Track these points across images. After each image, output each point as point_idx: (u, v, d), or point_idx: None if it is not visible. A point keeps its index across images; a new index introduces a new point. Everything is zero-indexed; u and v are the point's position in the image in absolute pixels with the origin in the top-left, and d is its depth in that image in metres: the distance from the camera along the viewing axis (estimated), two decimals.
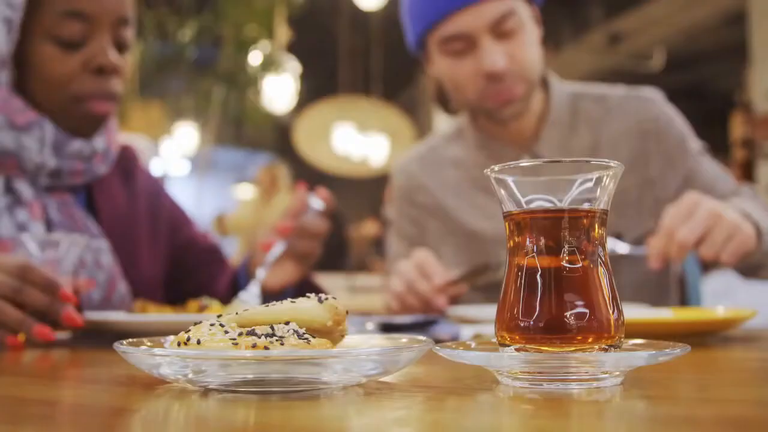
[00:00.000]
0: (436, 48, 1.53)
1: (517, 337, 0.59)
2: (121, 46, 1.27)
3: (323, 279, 1.92)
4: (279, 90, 5.55)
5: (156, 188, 1.52)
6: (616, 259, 1.29)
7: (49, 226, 1.23)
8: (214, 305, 1.13)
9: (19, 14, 1.19)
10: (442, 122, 7.48)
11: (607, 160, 0.59)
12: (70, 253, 1.06)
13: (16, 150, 1.21)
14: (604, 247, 0.61)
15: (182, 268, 1.50)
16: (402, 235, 1.76)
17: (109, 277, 1.27)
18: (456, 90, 1.57)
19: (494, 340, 0.63)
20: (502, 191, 0.62)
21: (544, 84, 1.64)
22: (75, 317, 0.95)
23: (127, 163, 1.46)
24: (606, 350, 0.58)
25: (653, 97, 1.63)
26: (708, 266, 1.39)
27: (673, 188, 1.55)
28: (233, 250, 6.66)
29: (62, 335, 1.03)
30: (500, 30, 1.47)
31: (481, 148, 1.66)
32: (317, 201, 1.34)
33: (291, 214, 1.33)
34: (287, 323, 0.58)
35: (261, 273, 1.28)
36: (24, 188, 1.23)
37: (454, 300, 1.51)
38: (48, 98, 1.24)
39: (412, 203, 1.75)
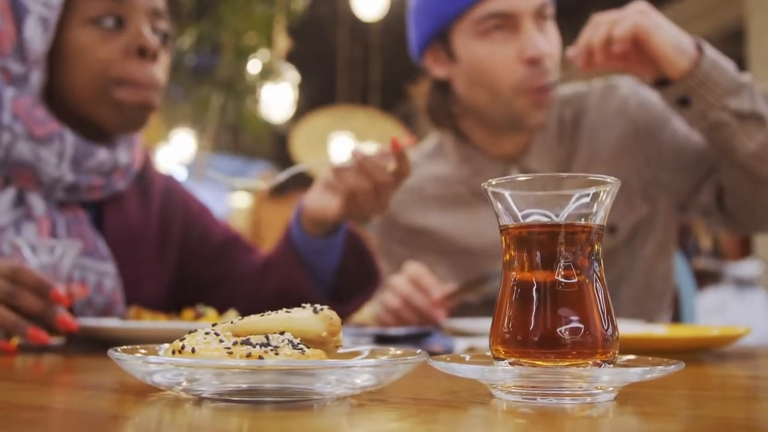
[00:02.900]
0: (470, 30, 1.44)
1: (512, 351, 0.59)
2: (159, 35, 1.27)
3: None
4: (277, 98, 5.55)
5: (169, 190, 1.45)
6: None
7: None
8: (210, 313, 1.13)
9: (56, 13, 1.17)
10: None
11: (604, 176, 0.59)
12: (66, 258, 1.06)
13: (33, 162, 1.18)
14: (599, 263, 0.61)
15: (197, 264, 1.44)
16: (389, 255, 1.70)
17: (107, 302, 1.24)
18: (487, 79, 1.46)
19: (489, 353, 0.63)
20: (499, 205, 0.62)
21: None
22: (70, 321, 0.95)
23: (143, 172, 1.40)
24: (600, 366, 0.58)
25: (622, 82, 1.61)
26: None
27: (660, 163, 1.53)
28: None
29: (56, 341, 1.03)
30: (542, 16, 1.43)
31: (464, 163, 1.60)
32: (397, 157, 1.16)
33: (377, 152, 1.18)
34: (282, 333, 0.58)
35: (308, 166, 1.26)
36: (37, 202, 1.19)
37: (449, 312, 1.50)
38: (87, 93, 1.21)
39: (396, 225, 1.68)
